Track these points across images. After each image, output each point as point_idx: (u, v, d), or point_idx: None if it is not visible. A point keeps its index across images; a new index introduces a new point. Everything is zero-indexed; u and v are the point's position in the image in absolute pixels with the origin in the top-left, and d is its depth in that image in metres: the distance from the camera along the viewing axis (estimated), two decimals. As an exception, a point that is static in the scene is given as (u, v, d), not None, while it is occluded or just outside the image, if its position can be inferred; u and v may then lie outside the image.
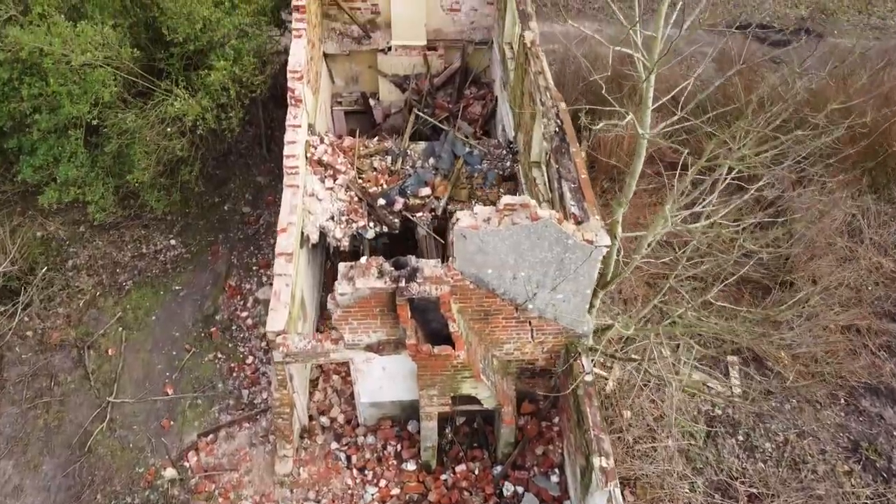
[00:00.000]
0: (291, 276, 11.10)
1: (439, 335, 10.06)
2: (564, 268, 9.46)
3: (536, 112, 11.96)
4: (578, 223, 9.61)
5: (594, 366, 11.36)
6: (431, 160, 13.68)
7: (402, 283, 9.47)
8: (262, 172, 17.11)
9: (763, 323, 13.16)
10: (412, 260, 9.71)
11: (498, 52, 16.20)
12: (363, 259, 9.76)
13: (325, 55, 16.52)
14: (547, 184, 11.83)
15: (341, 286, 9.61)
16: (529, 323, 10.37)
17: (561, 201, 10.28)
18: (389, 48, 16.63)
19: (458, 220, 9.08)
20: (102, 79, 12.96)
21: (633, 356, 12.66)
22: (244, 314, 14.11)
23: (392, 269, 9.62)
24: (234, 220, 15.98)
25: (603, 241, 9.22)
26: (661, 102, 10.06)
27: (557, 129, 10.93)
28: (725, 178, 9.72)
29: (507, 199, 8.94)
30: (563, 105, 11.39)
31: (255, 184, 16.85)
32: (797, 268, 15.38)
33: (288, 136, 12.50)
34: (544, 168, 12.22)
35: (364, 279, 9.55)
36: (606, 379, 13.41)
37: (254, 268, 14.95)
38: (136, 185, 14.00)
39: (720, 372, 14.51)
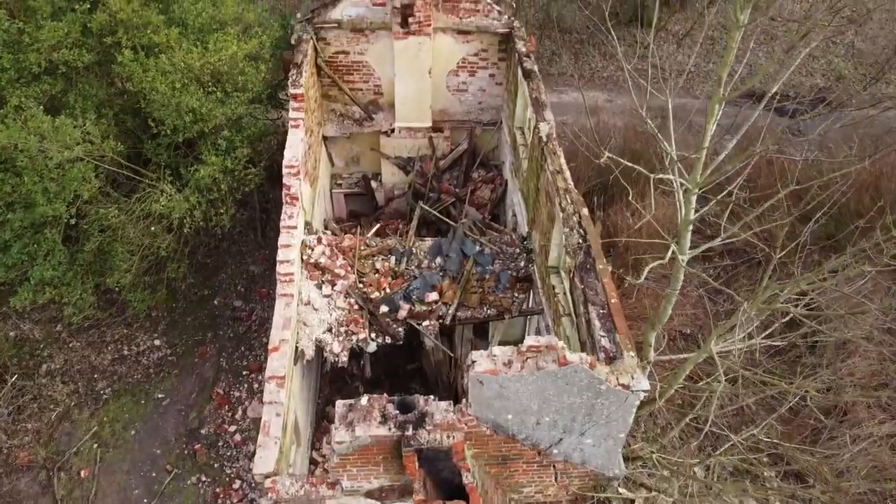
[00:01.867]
0: (283, 403, 9.88)
1: (451, 483, 8.79)
2: (595, 413, 8.25)
3: (555, 216, 10.89)
4: (610, 359, 8.43)
5: (619, 485, 10.06)
6: (438, 259, 12.57)
7: (409, 431, 8.25)
8: (257, 261, 16.01)
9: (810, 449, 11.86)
10: (420, 401, 8.50)
11: (507, 135, 15.27)
12: (364, 399, 8.55)
13: (325, 138, 15.58)
14: (568, 294, 10.67)
15: (339, 433, 8.38)
16: (553, 466, 9.11)
17: (588, 328, 9.11)
18: (393, 130, 15.70)
19: (474, 363, 7.90)
20: (82, 175, 11.94)
21: (664, 481, 11.37)
22: (232, 428, 12.83)
23: (397, 412, 8.40)
24: (224, 316, 14.81)
25: (640, 385, 8.03)
26: (700, 214, 8.99)
27: (581, 242, 9.83)
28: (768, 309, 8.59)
29: (530, 340, 7.79)
30: (585, 212, 10.32)
31: (248, 274, 15.74)
32: (835, 369, 14.15)
33: (282, 240, 11.40)
34: (563, 275, 11.08)
35: (365, 425, 8.33)
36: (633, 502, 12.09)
37: (244, 372, 13.72)
38: (117, 287, 12.87)
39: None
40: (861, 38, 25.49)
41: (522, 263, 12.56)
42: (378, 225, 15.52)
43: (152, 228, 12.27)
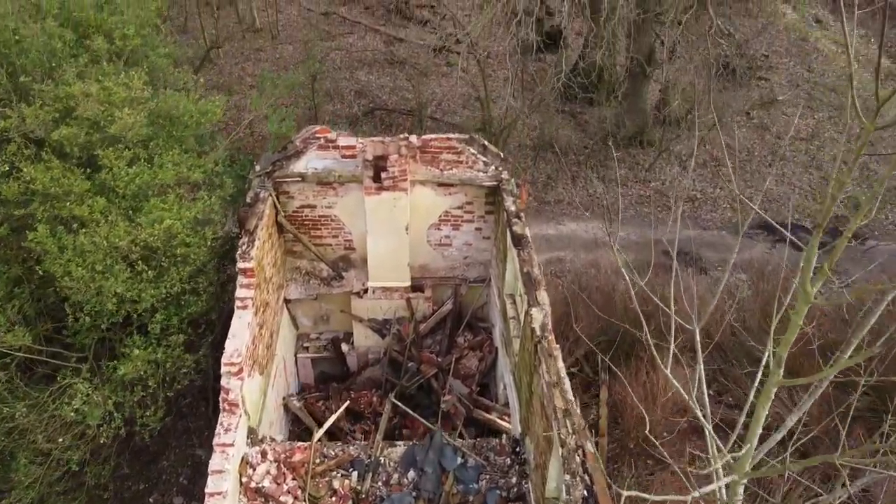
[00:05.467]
0: None
1: None
2: None
3: (552, 440, 8.70)
4: None
5: None
6: (411, 474, 10.28)
7: None
8: (206, 442, 13.60)
9: None
10: None
11: (497, 298, 13.27)
12: None
13: (287, 300, 13.58)
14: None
15: None
16: None
17: None
18: (366, 290, 13.72)
19: None
20: (-24, 377, 9.87)
21: None
22: None
23: None
24: (160, 520, 12.38)
25: None
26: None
27: (586, 496, 7.59)
28: None
29: None
30: (590, 447, 8.12)
31: (195, 459, 13.37)
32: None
33: (213, 463, 9.18)
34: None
35: None
36: None
37: None
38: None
39: None
40: (874, 158, 24.00)
41: (515, 479, 10.25)
42: (348, 402, 13.31)
43: (60, 440, 10.05)
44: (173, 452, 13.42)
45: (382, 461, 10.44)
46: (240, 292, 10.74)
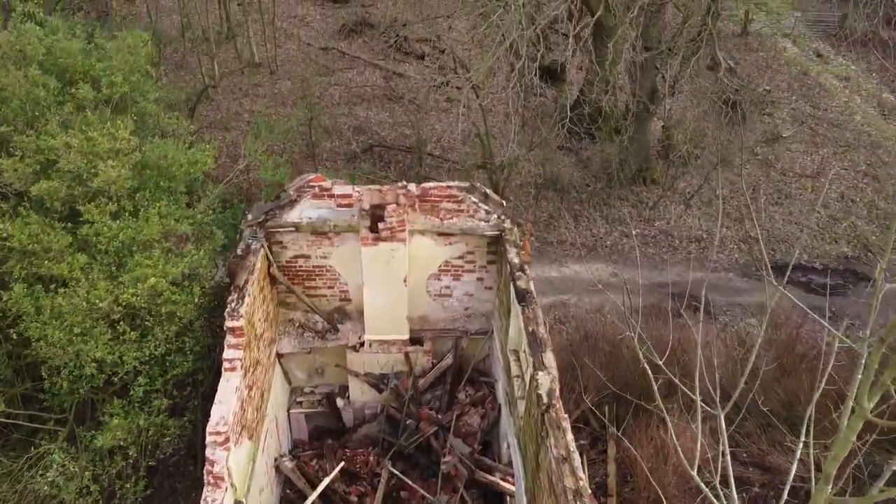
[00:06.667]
0: None
1: None
2: None
3: (562, 523, 8.04)
4: None
5: None
6: (410, 551, 9.60)
7: None
8: (192, 504, 12.95)
9: None
10: None
11: (500, 352, 12.66)
12: None
13: (280, 355, 12.96)
14: None
15: None
16: None
17: None
18: (362, 344, 13.11)
19: None
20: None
21: None
22: None
23: None
24: None
25: None
26: None
27: None
28: None
29: None
30: (604, 534, 7.47)
31: (180, 524, 12.66)
32: None
33: (196, 547, 8.51)
34: None
35: None
36: None
37: None
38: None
39: None
40: (882, 195, 23.54)
41: (520, 557, 9.57)
42: (343, 462, 12.63)
43: (31, 515, 9.38)
44: (158, 514, 12.69)
45: (378, 537, 9.75)
46: (228, 353, 10.12)
